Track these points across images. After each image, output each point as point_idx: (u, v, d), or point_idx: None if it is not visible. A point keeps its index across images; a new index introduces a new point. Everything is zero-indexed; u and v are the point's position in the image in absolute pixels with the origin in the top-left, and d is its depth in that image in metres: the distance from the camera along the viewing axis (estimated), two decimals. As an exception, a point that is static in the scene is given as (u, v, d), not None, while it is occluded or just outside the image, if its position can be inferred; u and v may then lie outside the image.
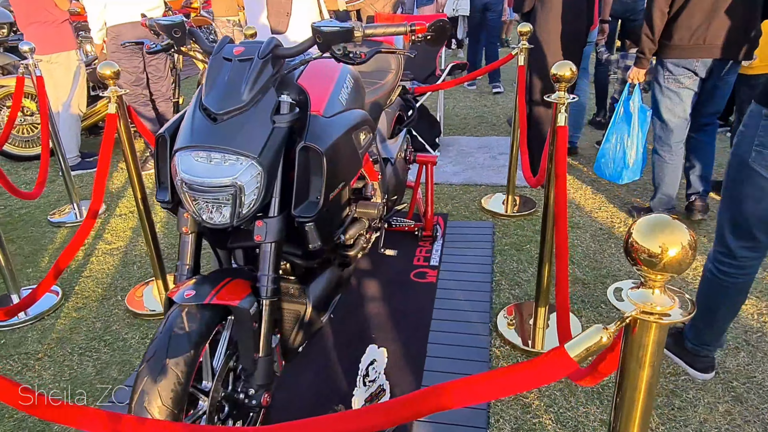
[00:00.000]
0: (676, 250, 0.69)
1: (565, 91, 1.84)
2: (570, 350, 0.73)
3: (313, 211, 1.51)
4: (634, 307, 0.72)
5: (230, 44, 1.54)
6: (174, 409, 1.27)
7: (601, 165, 3.05)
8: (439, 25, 1.62)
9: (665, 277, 0.71)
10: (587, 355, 0.73)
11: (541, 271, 2.16)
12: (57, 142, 3.40)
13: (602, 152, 3.04)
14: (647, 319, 0.71)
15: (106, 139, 2.18)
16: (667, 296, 0.73)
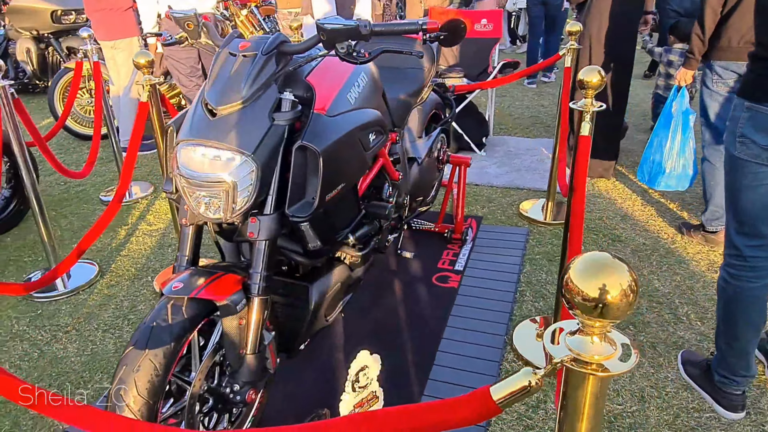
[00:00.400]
0: (614, 295, 0.61)
1: (592, 98, 1.72)
2: (494, 393, 0.66)
3: (307, 212, 1.49)
4: (568, 352, 0.65)
5: (238, 39, 1.53)
6: (149, 399, 1.29)
7: (643, 168, 2.88)
8: (453, 24, 1.55)
9: (604, 324, 0.63)
10: (512, 399, 0.66)
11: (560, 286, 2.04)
12: (110, 125, 3.55)
13: (644, 155, 2.87)
14: (582, 370, 0.64)
15: (136, 126, 2.25)
16: (607, 344, 0.65)
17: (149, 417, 1.30)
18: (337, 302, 1.99)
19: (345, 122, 1.59)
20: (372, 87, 1.82)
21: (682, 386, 1.97)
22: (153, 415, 1.31)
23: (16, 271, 2.89)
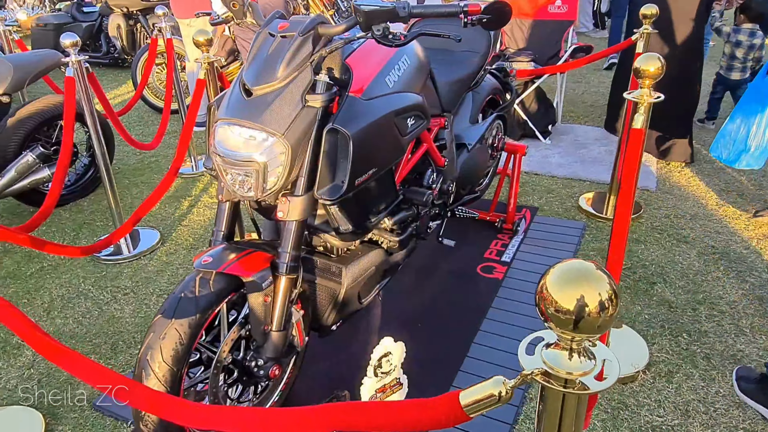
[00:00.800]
0: (591, 308, 0.56)
1: (649, 89, 1.59)
2: (463, 399, 0.64)
3: (336, 195, 1.49)
4: (540, 365, 0.61)
5: (279, 19, 1.54)
6: (173, 366, 1.35)
7: (719, 146, 2.63)
8: (497, 6, 1.48)
9: (581, 339, 0.59)
10: (479, 407, 0.63)
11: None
12: (180, 100, 3.71)
13: (723, 132, 2.61)
14: (553, 386, 0.60)
15: (193, 103, 2.33)
16: (584, 359, 0.60)
17: (172, 383, 1.36)
18: (373, 286, 1.99)
19: (381, 106, 1.57)
20: (415, 70, 1.78)
21: (733, 404, 1.83)
22: (177, 381, 1.37)
23: (88, 234, 3.11)
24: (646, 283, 2.44)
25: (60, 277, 2.67)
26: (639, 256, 2.64)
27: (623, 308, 2.28)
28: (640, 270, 2.53)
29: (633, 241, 2.75)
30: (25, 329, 1.12)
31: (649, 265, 2.57)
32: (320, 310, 1.85)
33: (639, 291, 2.39)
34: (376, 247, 1.94)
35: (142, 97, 5.09)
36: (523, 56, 4.10)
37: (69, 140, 2.38)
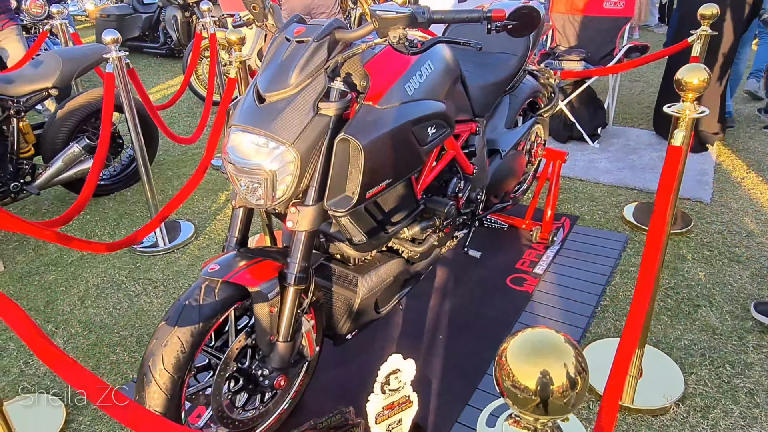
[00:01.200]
0: (555, 387, 0.49)
1: (692, 102, 1.46)
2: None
3: (345, 207, 1.44)
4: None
5: (297, 23, 1.50)
6: (173, 374, 1.35)
7: None
8: (524, 12, 1.38)
9: (545, 421, 0.51)
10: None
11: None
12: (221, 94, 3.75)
13: None
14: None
15: (223, 101, 2.34)
16: (549, 441, 0.52)
17: (173, 390, 1.36)
18: (392, 295, 1.94)
19: (398, 115, 1.50)
20: (440, 76, 1.70)
21: (776, 448, 1.67)
22: (178, 388, 1.37)
23: (128, 224, 3.19)
24: (689, 305, 2.28)
25: (97, 267, 2.75)
26: (684, 274, 2.47)
27: (660, 331, 2.13)
28: (685, 290, 2.36)
29: (679, 258, 2.58)
30: (28, 333, 1.14)
31: (694, 285, 2.39)
32: (335, 319, 1.82)
33: (680, 314, 2.23)
34: (396, 257, 1.88)
35: (191, 88, 5.20)
36: (573, 55, 3.91)
37: (106, 134, 2.43)
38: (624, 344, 1.25)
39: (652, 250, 1.41)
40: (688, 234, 2.78)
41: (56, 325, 2.35)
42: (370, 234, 1.63)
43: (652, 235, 1.42)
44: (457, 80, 1.90)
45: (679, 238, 2.74)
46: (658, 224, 1.44)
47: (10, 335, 2.28)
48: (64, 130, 3.11)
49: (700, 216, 2.93)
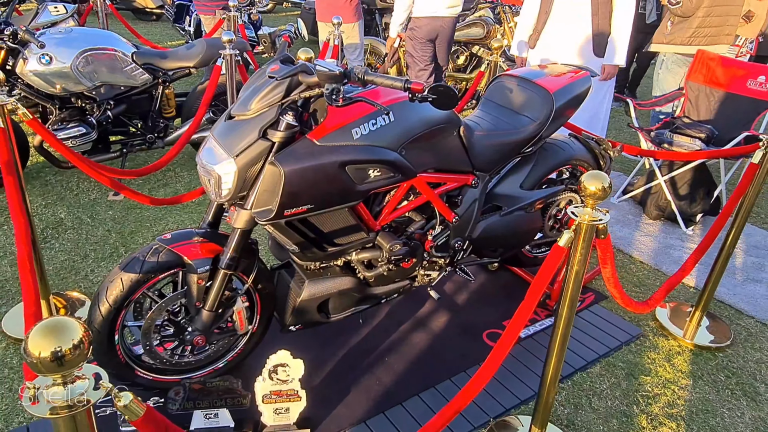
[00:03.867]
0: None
1: (593, 208, 1.46)
2: None
3: (265, 217, 1.72)
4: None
5: (283, 62, 1.81)
6: (111, 306, 1.78)
7: None
8: (440, 90, 1.53)
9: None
10: None
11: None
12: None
13: None
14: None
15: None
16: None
17: (110, 318, 1.79)
18: (345, 307, 2.17)
19: (332, 153, 1.73)
20: (400, 128, 1.87)
21: None
22: (114, 318, 1.80)
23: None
24: (657, 422, 2.12)
25: (180, 214, 3.39)
26: (680, 390, 2.26)
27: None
28: (667, 407, 2.19)
29: (685, 373, 2.36)
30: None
31: (684, 404, 2.20)
32: (281, 308, 2.12)
33: (635, 422, 2.09)
34: (350, 275, 2.11)
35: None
36: (695, 130, 3.61)
37: (201, 113, 3.01)
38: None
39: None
40: (719, 351, 2.50)
41: (126, 249, 3.00)
42: (303, 247, 1.89)
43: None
44: (443, 133, 2.03)
45: (705, 353, 2.48)
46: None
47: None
48: (199, 101, 3.82)
49: (750, 336, 2.60)
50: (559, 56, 3.42)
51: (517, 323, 1.61)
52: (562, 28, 3.42)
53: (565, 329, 1.70)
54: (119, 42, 3.45)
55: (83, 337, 0.78)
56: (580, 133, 2.82)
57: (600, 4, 3.26)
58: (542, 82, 2.37)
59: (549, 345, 1.79)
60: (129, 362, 1.93)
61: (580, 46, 3.41)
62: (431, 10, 4.26)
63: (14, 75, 3.22)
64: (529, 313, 1.56)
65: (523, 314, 1.62)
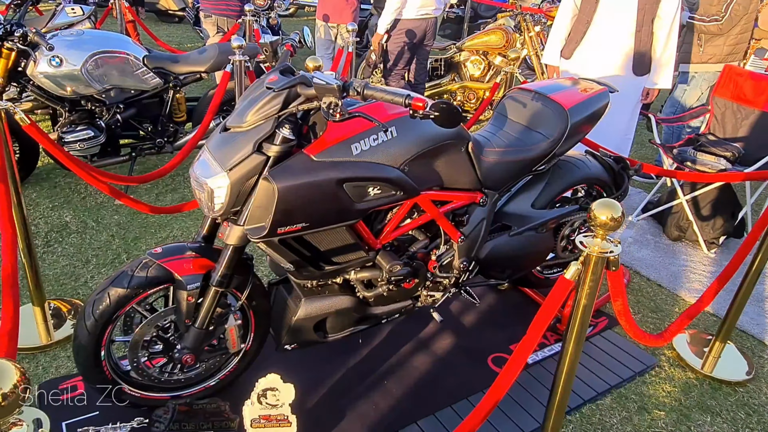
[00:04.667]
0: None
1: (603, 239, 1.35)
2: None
3: (258, 234, 1.65)
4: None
5: (282, 72, 1.73)
6: (97, 320, 1.72)
7: None
8: (443, 107, 1.43)
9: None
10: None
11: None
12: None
13: None
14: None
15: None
16: None
17: (96, 333, 1.73)
18: (342, 327, 2.09)
19: (329, 169, 1.65)
20: (402, 144, 1.78)
21: None
22: (98, 331, 1.73)
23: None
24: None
25: (186, 222, 3.34)
26: (692, 428, 2.13)
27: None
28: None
29: (702, 407, 2.22)
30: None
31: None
32: (276, 327, 2.04)
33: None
34: (348, 294, 2.02)
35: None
36: (719, 149, 3.45)
37: (208, 119, 2.97)
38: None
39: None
40: (740, 385, 2.36)
41: (128, 256, 2.96)
42: (298, 265, 1.81)
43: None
44: (450, 150, 1.94)
45: (725, 387, 2.34)
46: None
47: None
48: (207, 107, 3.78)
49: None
50: (595, 70, 3.21)
51: (522, 352, 1.51)
52: (602, 41, 3.19)
53: (572, 363, 1.59)
54: (131, 45, 3.43)
55: (18, 381, 0.71)
56: (598, 149, 2.70)
57: (644, 22, 3.06)
58: (557, 97, 2.27)
59: (555, 376, 1.69)
60: (116, 378, 1.86)
61: (619, 62, 3.19)
62: (421, 12, 4.28)
63: (25, 77, 3.21)
64: (534, 344, 1.46)
65: (529, 344, 1.52)
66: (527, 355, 1.49)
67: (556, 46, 3.41)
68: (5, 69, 3.12)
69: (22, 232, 2.16)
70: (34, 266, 2.27)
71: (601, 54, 3.20)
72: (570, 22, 3.33)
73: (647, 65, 3.16)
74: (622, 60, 3.15)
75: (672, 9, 3.01)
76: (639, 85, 3.23)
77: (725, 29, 3.85)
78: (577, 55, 3.29)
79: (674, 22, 3.05)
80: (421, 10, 4.28)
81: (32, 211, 3.30)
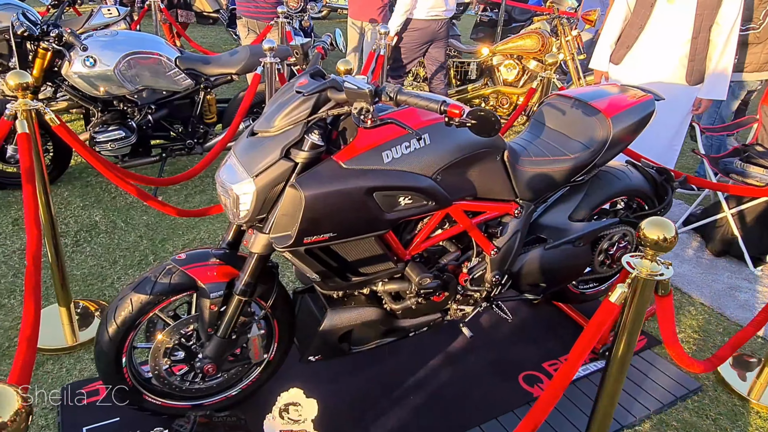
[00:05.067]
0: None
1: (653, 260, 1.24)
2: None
3: (283, 244, 1.59)
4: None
5: (312, 76, 1.67)
6: (120, 326, 1.69)
7: None
8: (480, 115, 1.35)
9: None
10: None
11: None
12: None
13: None
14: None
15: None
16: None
17: (118, 340, 1.70)
18: (368, 339, 2.02)
19: (359, 178, 1.58)
20: (435, 152, 1.70)
21: None
22: (122, 339, 1.70)
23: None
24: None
25: (213, 223, 3.32)
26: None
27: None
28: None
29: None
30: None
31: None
32: (301, 337, 1.98)
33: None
34: (375, 306, 1.95)
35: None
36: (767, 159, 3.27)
37: (237, 121, 2.94)
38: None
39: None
40: (790, 417, 2.20)
41: (155, 258, 2.94)
42: (325, 276, 1.74)
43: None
44: (484, 159, 1.85)
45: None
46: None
47: (125, 254, 2.94)
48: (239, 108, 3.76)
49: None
50: (645, 77, 3.05)
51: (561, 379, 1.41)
52: (655, 47, 3.02)
53: (613, 391, 1.49)
54: (164, 46, 3.43)
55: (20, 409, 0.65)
56: (640, 159, 2.57)
57: (702, 28, 2.87)
58: (599, 104, 2.15)
59: (594, 404, 1.58)
60: (137, 386, 1.83)
61: (672, 70, 3.01)
62: (431, 13, 4.23)
63: (60, 76, 3.24)
64: (575, 371, 1.36)
65: (569, 372, 1.42)
66: (567, 383, 1.39)
67: (606, 50, 3.22)
68: (41, 69, 3.15)
69: (49, 232, 2.15)
70: (60, 266, 2.26)
71: (654, 60, 3.03)
72: (622, 25, 3.15)
73: (701, 74, 2.98)
74: (675, 68, 2.97)
75: (732, 16, 2.82)
76: (691, 95, 3.03)
77: (762, 38, 3.67)
78: (628, 60, 3.12)
79: (733, 29, 2.85)
80: (431, 11, 4.27)
81: (63, 210, 3.32)
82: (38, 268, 1.56)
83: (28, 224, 1.69)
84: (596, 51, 3.28)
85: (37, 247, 1.61)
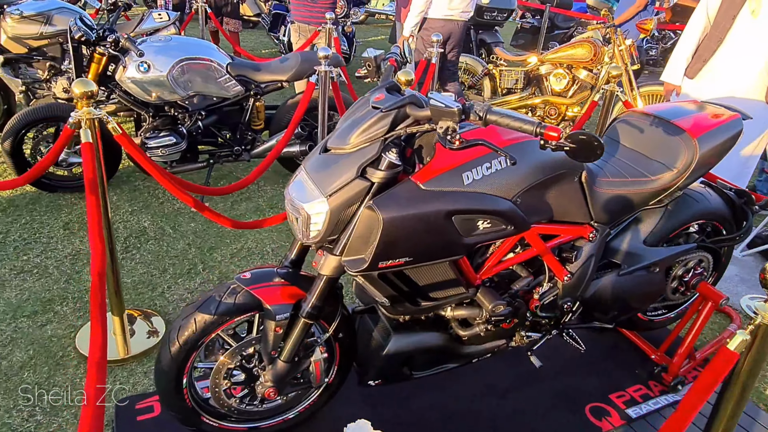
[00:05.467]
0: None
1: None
2: None
3: (357, 268, 1.51)
4: None
5: (384, 89, 1.59)
6: (182, 346, 1.63)
7: None
8: (581, 139, 1.25)
9: None
10: None
11: None
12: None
13: None
14: None
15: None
16: None
17: (180, 359, 1.64)
18: (431, 365, 1.94)
19: (439, 200, 1.49)
20: (517, 174, 1.60)
21: None
22: (182, 357, 1.64)
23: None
24: None
25: (261, 232, 3.27)
26: None
27: None
28: None
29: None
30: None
31: None
32: (362, 360, 1.90)
33: None
34: (439, 330, 1.86)
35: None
36: None
37: (291, 129, 2.88)
38: None
39: None
40: None
41: (204, 267, 2.90)
42: (394, 300, 1.66)
43: None
44: (563, 180, 1.75)
45: None
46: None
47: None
48: (288, 116, 3.71)
49: None
50: (722, 92, 2.89)
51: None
52: (734, 61, 2.85)
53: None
54: (216, 53, 3.40)
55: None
56: (715, 181, 2.43)
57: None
58: (683, 123, 2.02)
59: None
60: (195, 407, 1.77)
61: (752, 86, 2.84)
62: (445, 13, 4.21)
63: (113, 81, 3.24)
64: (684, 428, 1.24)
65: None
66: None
67: (681, 63, 3.04)
68: (96, 74, 3.15)
69: (107, 240, 2.12)
70: (116, 275, 2.23)
71: (732, 75, 2.86)
72: (700, 37, 2.98)
73: None
74: (756, 84, 2.79)
75: None
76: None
77: None
78: (704, 74, 2.94)
79: None
80: (448, 11, 4.25)
81: (113, 215, 3.32)
82: (103, 285, 1.52)
83: (92, 239, 1.65)
84: (670, 63, 3.10)
85: (102, 263, 1.56)
